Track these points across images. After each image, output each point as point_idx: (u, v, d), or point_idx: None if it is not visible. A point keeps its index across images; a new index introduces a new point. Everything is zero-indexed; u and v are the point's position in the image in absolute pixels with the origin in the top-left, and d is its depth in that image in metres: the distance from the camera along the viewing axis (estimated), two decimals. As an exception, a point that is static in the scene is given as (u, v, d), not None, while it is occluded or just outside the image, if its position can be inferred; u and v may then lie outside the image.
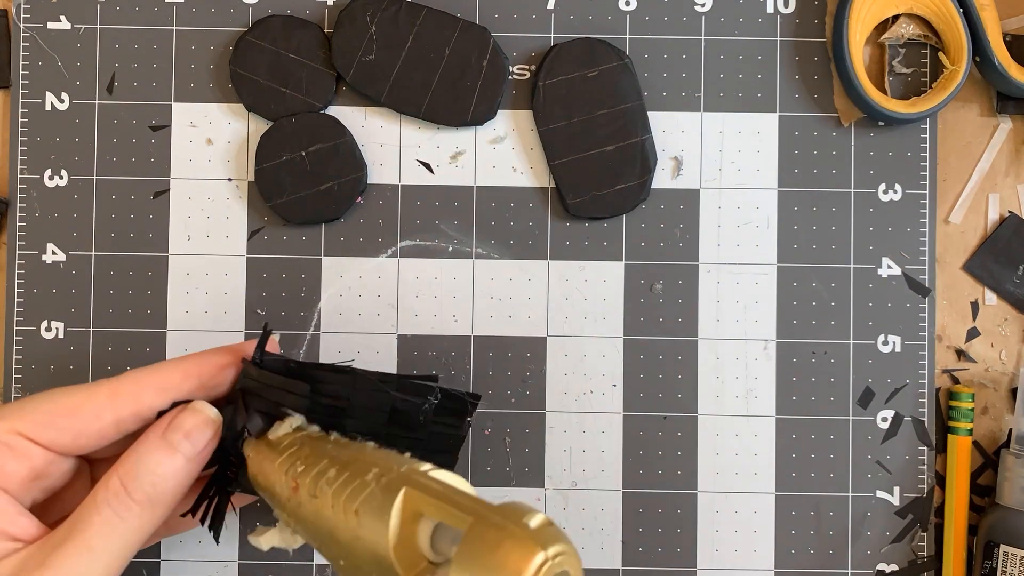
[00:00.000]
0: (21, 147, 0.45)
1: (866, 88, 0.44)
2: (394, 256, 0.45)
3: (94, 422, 0.34)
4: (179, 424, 0.34)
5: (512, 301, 0.45)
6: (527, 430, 0.45)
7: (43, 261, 0.45)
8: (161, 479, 0.33)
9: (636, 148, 0.44)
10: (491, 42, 0.44)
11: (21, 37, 0.45)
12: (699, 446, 0.45)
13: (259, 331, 0.45)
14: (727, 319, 0.45)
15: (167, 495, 0.34)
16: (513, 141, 0.45)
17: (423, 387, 0.36)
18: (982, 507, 0.45)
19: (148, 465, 0.34)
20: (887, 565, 0.45)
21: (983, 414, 0.45)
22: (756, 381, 0.45)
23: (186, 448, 0.34)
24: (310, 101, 0.45)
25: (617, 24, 0.45)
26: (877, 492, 0.45)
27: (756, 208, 0.45)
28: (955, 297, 0.45)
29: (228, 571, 0.44)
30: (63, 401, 0.34)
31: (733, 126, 0.45)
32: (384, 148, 0.45)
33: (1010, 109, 0.45)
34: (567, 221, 0.45)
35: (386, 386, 0.36)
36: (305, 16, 0.45)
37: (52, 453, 0.34)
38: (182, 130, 0.45)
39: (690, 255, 0.45)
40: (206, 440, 0.35)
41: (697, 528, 0.45)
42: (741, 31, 0.45)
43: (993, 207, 0.46)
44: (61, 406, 0.34)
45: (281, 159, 0.44)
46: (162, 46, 0.45)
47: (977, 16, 0.43)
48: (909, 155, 0.45)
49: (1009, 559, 0.42)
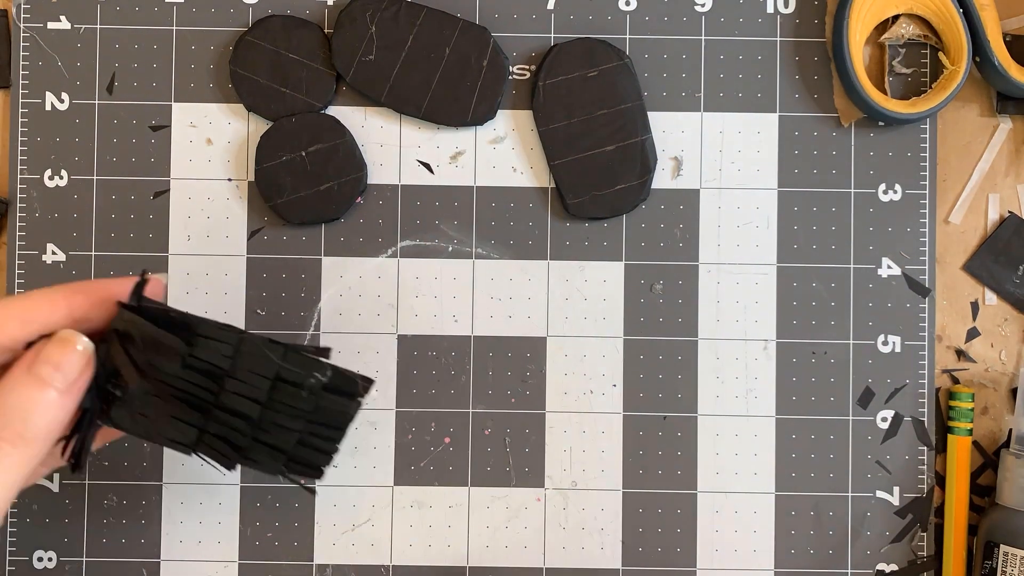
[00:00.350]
0: (21, 147, 0.45)
1: (866, 88, 0.44)
2: (394, 256, 0.45)
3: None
4: (47, 356, 0.32)
5: (512, 301, 0.45)
6: (527, 430, 0.45)
7: (43, 261, 0.45)
8: (33, 415, 0.32)
9: (636, 148, 0.44)
10: (491, 42, 0.44)
11: (21, 37, 0.45)
12: (699, 446, 0.45)
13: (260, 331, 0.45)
14: (727, 319, 0.45)
15: (41, 431, 0.32)
16: (513, 141, 0.45)
17: (313, 362, 0.35)
18: (982, 507, 0.45)
19: (17, 401, 0.32)
20: (887, 565, 0.45)
21: (983, 414, 0.45)
22: (756, 381, 0.45)
23: (57, 380, 0.32)
24: (310, 101, 0.45)
25: (617, 24, 0.45)
26: (877, 492, 0.45)
27: (756, 208, 0.45)
28: (955, 297, 0.45)
29: (228, 571, 0.44)
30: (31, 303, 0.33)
31: (733, 126, 0.45)
32: (384, 148, 0.45)
33: (1010, 109, 0.45)
34: (567, 221, 0.45)
35: (272, 354, 0.34)
36: (305, 16, 0.45)
37: None
38: (182, 130, 0.45)
39: (690, 255, 0.45)
40: (78, 371, 0.33)
41: (697, 528, 0.45)
42: (741, 31, 0.45)
43: (993, 207, 0.46)
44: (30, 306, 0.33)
45: (281, 159, 0.44)
46: (162, 46, 0.45)
47: (977, 16, 0.43)
48: (909, 155, 0.45)
49: (1009, 559, 0.42)
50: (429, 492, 0.45)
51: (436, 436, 0.45)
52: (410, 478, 0.45)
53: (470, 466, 0.45)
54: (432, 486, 0.45)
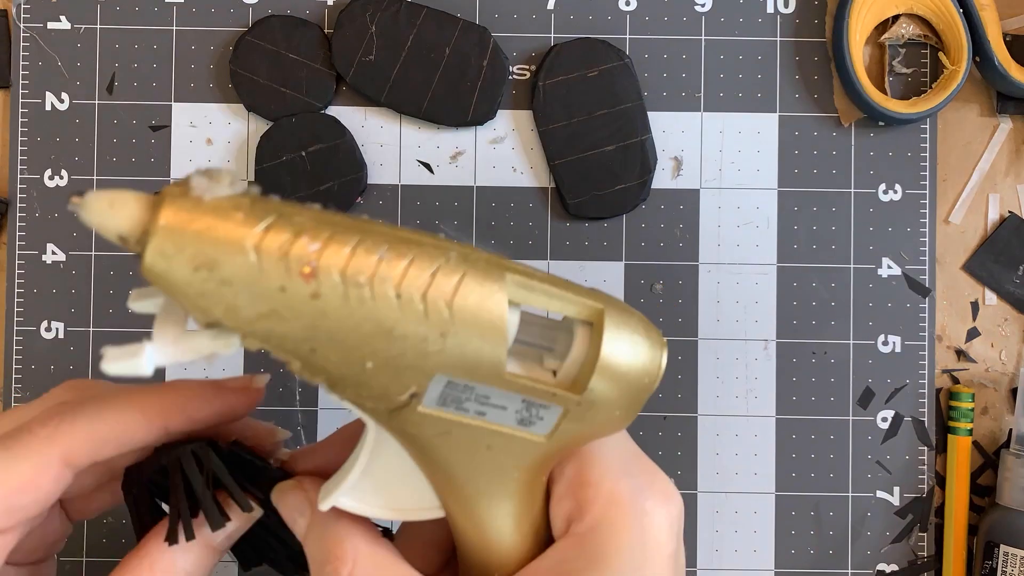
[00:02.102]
0: (21, 147, 0.45)
1: (866, 88, 0.44)
2: (394, 256, 0.45)
3: (53, 487, 0.27)
4: None
5: (512, 301, 0.45)
6: (527, 430, 0.45)
7: (43, 261, 0.45)
8: None
9: (636, 148, 0.44)
10: (491, 42, 0.44)
11: (21, 37, 0.45)
12: (699, 446, 0.45)
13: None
14: (727, 319, 0.45)
15: None
16: (513, 141, 0.45)
17: None
18: (982, 507, 0.45)
19: None
20: (887, 565, 0.45)
21: (983, 414, 0.45)
22: (756, 381, 0.45)
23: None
24: (310, 101, 0.45)
25: (617, 24, 0.45)
26: (877, 492, 0.45)
27: (756, 208, 0.45)
28: (955, 297, 0.45)
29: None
30: (12, 480, 0.26)
31: (733, 126, 0.45)
32: (384, 148, 0.45)
33: (1010, 109, 0.45)
34: (567, 221, 0.45)
35: None
36: (305, 16, 0.45)
37: (21, 527, 0.28)
38: (182, 130, 0.45)
39: (690, 255, 0.45)
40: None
41: (697, 528, 0.45)
42: (741, 31, 0.45)
43: (993, 207, 0.46)
44: (11, 487, 0.26)
45: (281, 159, 0.44)
46: (162, 46, 0.45)
47: (977, 16, 0.43)
48: (909, 155, 0.45)
49: (1009, 559, 0.42)
50: (429, 492, 0.45)
51: (436, 436, 0.45)
52: (410, 478, 0.45)
53: (470, 466, 0.45)
54: (432, 486, 0.45)
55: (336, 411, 0.45)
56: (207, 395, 0.29)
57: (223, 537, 0.29)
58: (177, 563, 0.28)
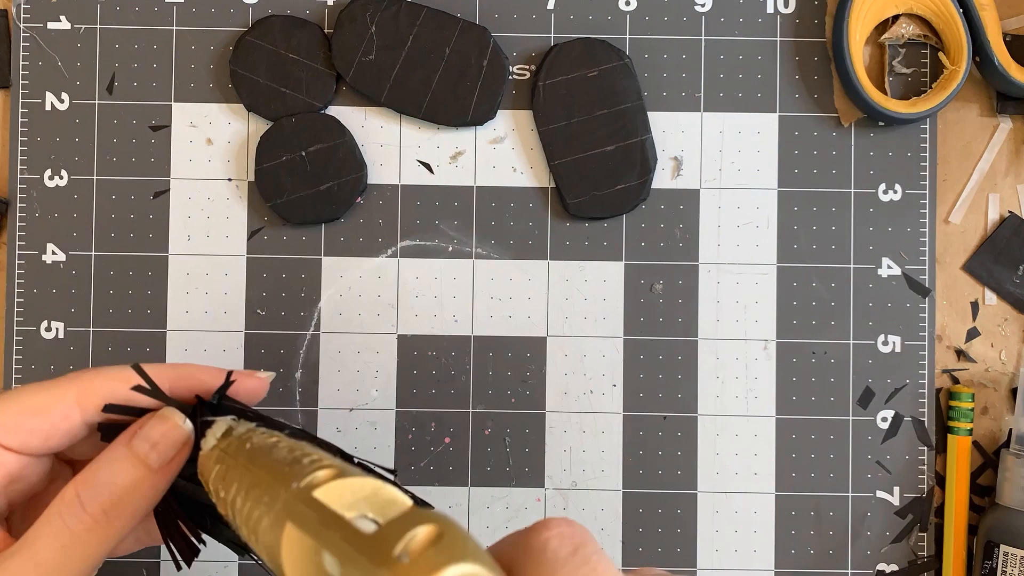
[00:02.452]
0: (21, 147, 0.45)
1: (866, 88, 0.44)
2: (394, 256, 0.45)
3: (62, 422, 0.32)
4: (147, 433, 0.31)
5: (512, 301, 0.45)
6: (527, 430, 0.45)
7: (43, 261, 0.45)
8: (120, 491, 0.30)
9: (636, 148, 0.44)
10: (491, 42, 0.44)
11: (21, 37, 0.45)
12: (699, 446, 0.45)
13: (260, 331, 0.45)
14: (727, 319, 0.45)
15: (126, 509, 0.31)
16: (513, 141, 0.45)
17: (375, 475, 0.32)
18: (982, 507, 0.45)
19: (108, 475, 0.31)
20: (887, 565, 0.45)
21: (983, 414, 0.45)
22: (756, 381, 0.45)
23: (152, 459, 0.31)
24: (310, 101, 0.45)
25: (617, 24, 0.45)
26: (877, 492, 0.45)
27: (756, 208, 0.45)
28: (955, 297, 0.45)
29: (228, 571, 0.44)
30: (30, 401, 0.32)
31: (733, 126, 0.45)
32: (384, 148, 0.45)
33: (1010, 109, 0.45)
34: (567, 221, 0.45)
35: None
36: (305, 16, 0.45)
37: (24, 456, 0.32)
38: (182, 130, 0.45)
39: (690, 255, 0.45)
40: (174, 452, 0.31)
41: (697, 528, 0.45)
42: (741, 31, 0.45)
43: (993, 207, 0.46)
44: (29, 406, 0.32)
45: (281, 159, 0.44)
46: (162, 46, 0.45)
47: (977, 16, 0.43)
48: (909, 155, 0.45)
49: (1009, 559, 0.42)
50: (429, 492, 0.45)
51: (436, 436, 0.45)
52: (410, 478, 0.45)
53: (470, 466, 0.45)
54: (432, 486, 0.45)
55: (336, 411, 0.45)
56: (216, 376, 0.34)
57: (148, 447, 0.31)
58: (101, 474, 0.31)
